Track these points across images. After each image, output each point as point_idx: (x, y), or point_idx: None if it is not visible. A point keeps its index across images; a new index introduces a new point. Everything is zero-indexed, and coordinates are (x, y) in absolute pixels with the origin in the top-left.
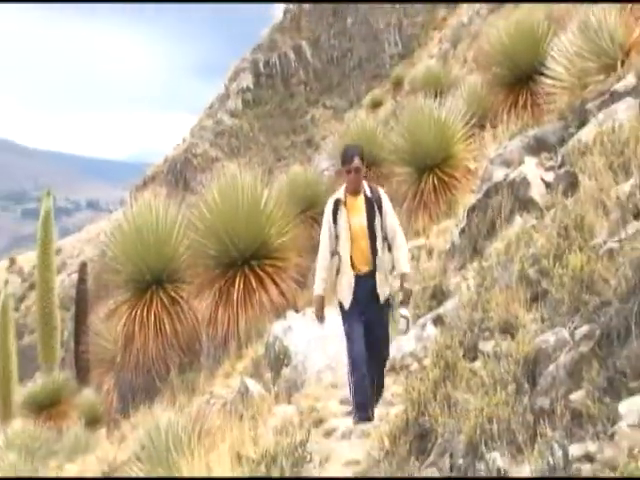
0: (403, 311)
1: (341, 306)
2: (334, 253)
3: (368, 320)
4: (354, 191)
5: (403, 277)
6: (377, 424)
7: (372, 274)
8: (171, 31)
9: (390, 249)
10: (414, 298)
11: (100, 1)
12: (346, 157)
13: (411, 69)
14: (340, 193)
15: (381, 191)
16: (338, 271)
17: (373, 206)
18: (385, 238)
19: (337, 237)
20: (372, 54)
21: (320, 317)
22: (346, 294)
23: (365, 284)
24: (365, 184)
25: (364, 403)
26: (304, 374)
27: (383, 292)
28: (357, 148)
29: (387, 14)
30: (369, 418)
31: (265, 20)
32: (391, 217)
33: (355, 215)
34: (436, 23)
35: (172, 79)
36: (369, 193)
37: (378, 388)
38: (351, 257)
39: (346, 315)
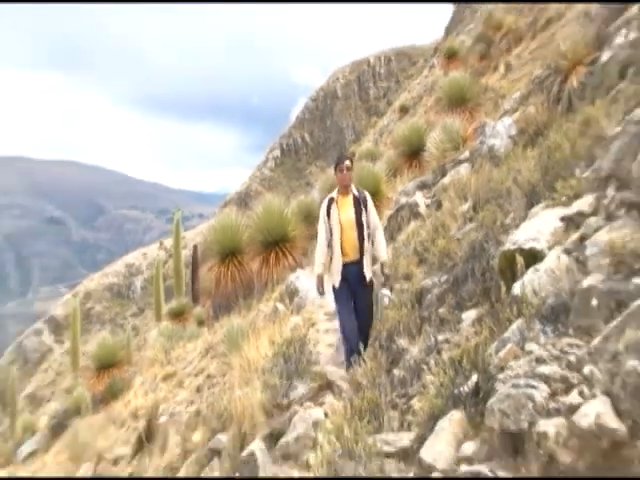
0: (385, 291)
1: (333, 287)
2: (329, 243)
3: (356, 296)
4: (345, 191)
5: (383, 264)
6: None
7: (359, 260)
8: (237, 126)
9: (371, 240)
10: None
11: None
12: (339, 160)
13: (359, 147)
14: (333, 194)
15: (366, 193)
16: (331, 259)
17: (360, 204)
18: (369, 231)
19: (331, 230)
20: (339, 140)
21: (320, 291)
22: (336, 277)
23: (353, 268)
24: (353, 187)
25: (350, 358)
26: (306, 300)
27: (368, 274)
28: (348, 155)
29: (347, 119)
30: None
31: (287, 120)
32: (373, 214)
33: (345, 211)
34: (371, 124)
35: (238, 152)
36: (357, 194)
37: (364, 340)
38: (341, 247)
39: (337, 295)
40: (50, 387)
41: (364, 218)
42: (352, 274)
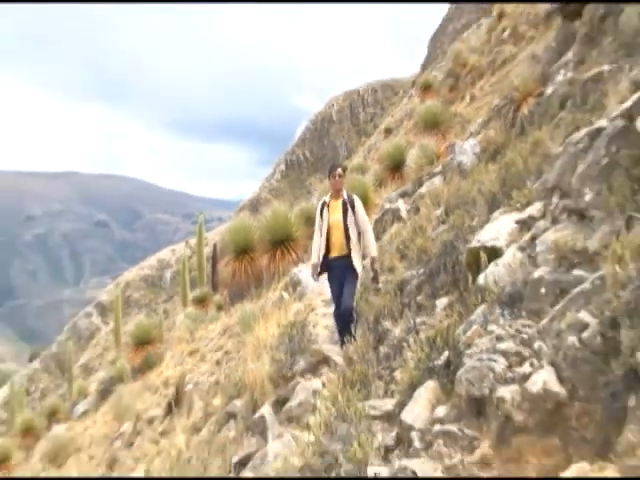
0: (375, 286)
1: (325, 273)
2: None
3: (343, 283)
4: (336, 195)
5: (372, 260)
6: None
7: (347, 255)
8: (248, 145)
9: (361, 239)
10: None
11: None
12: (332, 168)
13: (351, 162)
14: (327, 197)
15: (356, 198)
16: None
17: (347, 207)
18: (358, 230)
19: (322, 228)
20: (335, 156)
21: (315, 277)
22: (322, 265)
23: (339, 263)
24: (345, 192)
25: (342, 337)
26: (307, 289)
27: (357, 266)
28: (340, 164)
29: (341, 139)
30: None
31: (291, 139)
32: (362, 216)
33: (334, 213)
34: (361, 143)
35: (250, 166)
36: (346, 198)
37: (345, 326)
38: (329, 244)
39: (329, 284)
40: (98, 359)
41: (350, 220)
42: (338, 268)
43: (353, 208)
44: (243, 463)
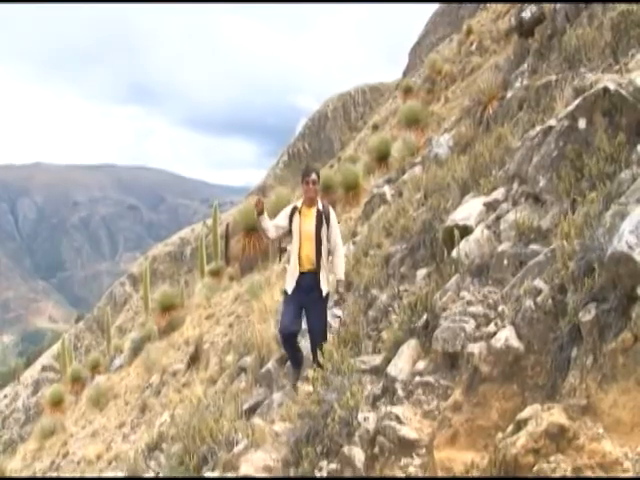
0: (337, 311)
1: (285, 292)
2: (285, 250)
3: (309, 310)
4: (310, 203)
5: (339, 283)
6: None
7: (315, 272)
8: (256, 139)
9: (331, 257)
10: (344, 238)
11: None
12: (306, 173)
13: (344, 154)
14: (299, 203)
15: (331, 209)
16: (289, 261)
17: (322, 218)
18: (329, 246)
19: (291, 234)
20: (330, 148)
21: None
22: (289, 282)
23: (308, 279)
24: (320, 201)
25: (294, 370)
26: None
27: (325, 287)
28: (314, 168)
29: (335, 133)
30: (295, 381)
31: (292, 134)
32: (335, 230)
33: (306, 222)
34: (352, 137)
35: (257, 157)
36: (321, 208)
37: (316, 353)
38: (299, 255)
39: (286, 298)
40: (131, 321)
41: (324, 233)
42: (305, 284)
43: (328, 221)
44: (252, 410)
